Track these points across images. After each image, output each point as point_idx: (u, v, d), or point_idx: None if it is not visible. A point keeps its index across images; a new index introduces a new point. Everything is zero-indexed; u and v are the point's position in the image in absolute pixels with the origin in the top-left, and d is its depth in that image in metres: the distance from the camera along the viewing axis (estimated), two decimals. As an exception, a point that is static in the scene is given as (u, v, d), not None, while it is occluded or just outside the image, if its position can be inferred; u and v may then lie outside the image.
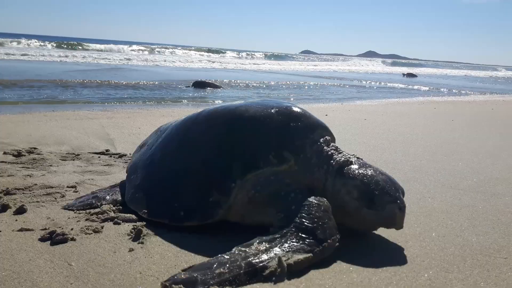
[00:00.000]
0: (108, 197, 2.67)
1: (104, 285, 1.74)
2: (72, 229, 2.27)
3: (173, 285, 1.66)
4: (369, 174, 2.28)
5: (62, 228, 2.25)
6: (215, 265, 1.80)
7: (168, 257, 2.02)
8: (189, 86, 12.43)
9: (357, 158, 2.41)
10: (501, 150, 5.12)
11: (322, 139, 2.44)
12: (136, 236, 2.21)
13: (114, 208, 2.56)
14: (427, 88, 17.84)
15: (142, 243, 2.15)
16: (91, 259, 1.96)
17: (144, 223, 2.35)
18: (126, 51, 32.68)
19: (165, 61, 26.38)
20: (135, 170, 2.66)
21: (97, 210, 2.53)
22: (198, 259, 2.00)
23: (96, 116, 6.26)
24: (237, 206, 2.27)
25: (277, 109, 2.49)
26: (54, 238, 2.13)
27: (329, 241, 2.00)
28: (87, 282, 1.76)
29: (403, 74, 30.00)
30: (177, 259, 2.00)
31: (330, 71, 28.93)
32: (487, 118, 8.36)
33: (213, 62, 29.65)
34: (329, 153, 2.38)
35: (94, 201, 2.62)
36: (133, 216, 2.44)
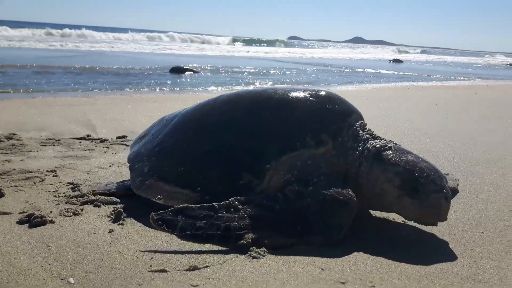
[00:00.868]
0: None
1: (83, 265, 1.73)
2: (51, 212, 2.24)
3: (158, 222, 1.90)
4: (412, 160, 2.12)
5: (41, 211, 2.22)
6: (201, 216, 1.93)
7: (149, 237, 2.01)
8: (166, 71, 12.29)
9: (395, 143, 2.29)
10: (483, 132, 5.20)
11: (357, 123, 2.35)
12: (116, 217, 2.19)
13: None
14: (413, 74, 17.95)
15: (122, 224, 2.14)
16: (70, 240, 1.95)
17: (124, 205, 2.34)
18: (106, 38, 32.11)
19: (157, 46, 26.06)
20: (140, 159, 2.49)
21: (76, 193, 2.51)
22: (178, 239, 1.98)
23: (77, 103, 6.17)
24: (271, 190, 2.15)
25: (309, 92, 2.42)
26: (33, 220, 2.10)
27: (318, 237, 1.94)
28: (66, 262, 1.75)
29: (390, 60, 30.13)
30: (157, 238, 2.00)
31: (318, 57, 28.89)
32: (471, 102, 8.46)
33: (196, 47, 29.36)
34: (365, 137, 2.29)
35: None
36: (114, 199, 2.43)
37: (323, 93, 2.44)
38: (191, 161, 2.32)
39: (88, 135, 4.18)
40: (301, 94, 2.40)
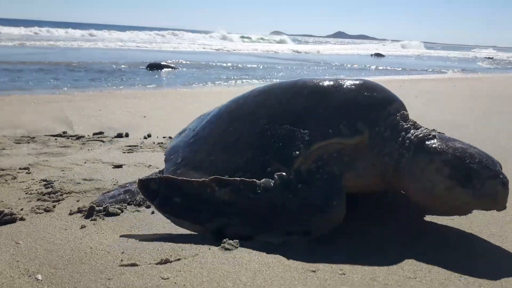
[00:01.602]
0: None
1: (52, 261, 1.71)
2: (22, 209, 2.21)
3: (143, 189, 1.96)
4: (460, 147, 1.95)
5: (11, 209, 2.18)
6: (180, 191, 1.95)
7: (121, 232, 2.00)
8: (143, 68, 11.99)
9: (439, 132, 2.13)
10: (459, 122, 5.30)
11: (398, 113, 2.17)
12: (89, 213, 2.17)
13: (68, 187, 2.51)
14: (394, 68, 18.13)
15: (94, 220, 2.12)
16: (40, 237, 1.92)
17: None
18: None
19: (134, 43, 25.71)
20: (176, 151, 2.48)
21: (49, 190, 2.47)
22: (150, 234, 1.99)
23: (55, 100, 6.06)
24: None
25: (346, 80, 2.29)
26: (2, 218, 2.06)
27: (273, 234, 1.88)
28: (34, 259, 1.72)
29: (371, 55, 30.39)
30: (130, 233, 1.99)
31: (297, 52, 28.93)
32: (449, 94, 8.60)
33: (174, 43, 29.12)
34: (405, 127, 2.11)
35: (128, 197, 2.35)
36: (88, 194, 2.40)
37: (361, 80, 2.29)
38: (222, 149, 2.25)
39: (64, 132, 4.12)
40: (337, 82, 2.27)
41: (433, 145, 1.99)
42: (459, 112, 6.25)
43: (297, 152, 2.04)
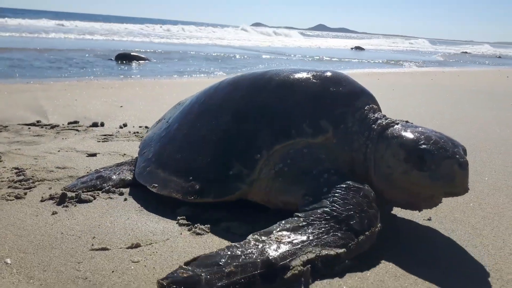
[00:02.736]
0: (114, 177, 2.40)
1: (22, 246, 1.71)
2: (-9, 196, 2.19)
3: (172, 286, 1.37)
4: (419, 130, 1.89)
5: (-20, 197, 2.16)
6: (224, 260, 1.47)
7: (93, 218, 2.01)
8: (111, 59, 11.40)
9: (406, 121, 2.05)
10: (436, 113, 5.44)
11: (367, 106, 2.09)
12: (61, 200, 2.16)
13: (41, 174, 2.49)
14: (373, 61, 18.33)
15: (66, 206, 2.12)
16: (11, 223, 1.91)
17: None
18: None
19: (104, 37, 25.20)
20: (149, 144, 2.42)
21: (21, 177, 2.45)
22: (122, 220, 2.00)
23: (29, 89, 5.94)
24: (262, 181, 1.98)
25: (314, 73, 2.18)
26: (-29, 205, 2.05)
27: (366, 233, 1.65)
28: (4, 244, 1.72)
29: (352, 48, 30.62)
30: (101, 219, 2.00)
31: (279, 46, 28.94)
32: (426, 87, 8.77)
33: (149, 34, 28.75)
34: (373, 118, 2.04)
35: (99, 182, 2.35)
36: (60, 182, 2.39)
37: (328, 74, 2.18)
38: (188, 146, 2.17)
39: (38, 121, 4.06)
40: (304, 76, 2.16)
41: (393, 131, 1.94)
42: (433, 104, 6.39)
43: (259, 155, 1.98)
